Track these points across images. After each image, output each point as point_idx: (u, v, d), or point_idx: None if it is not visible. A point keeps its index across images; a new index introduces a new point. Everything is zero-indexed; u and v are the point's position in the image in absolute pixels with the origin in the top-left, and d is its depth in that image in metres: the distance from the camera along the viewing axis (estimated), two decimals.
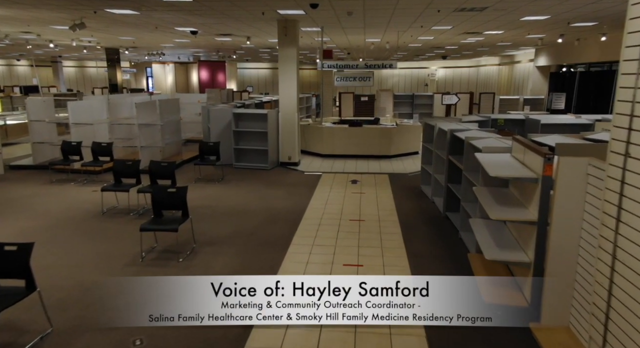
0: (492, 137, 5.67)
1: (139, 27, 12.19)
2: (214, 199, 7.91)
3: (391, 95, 19.84)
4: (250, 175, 9.92)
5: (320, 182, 9.27)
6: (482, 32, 13.40)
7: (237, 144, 10.56)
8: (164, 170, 7.00)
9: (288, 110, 10.56)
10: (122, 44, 18.11)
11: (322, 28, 11.53)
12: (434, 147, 7.51)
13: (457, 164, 6.19)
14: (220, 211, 7.18)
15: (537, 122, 7.94)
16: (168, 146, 10.99)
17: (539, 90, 21.23)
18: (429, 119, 8.37)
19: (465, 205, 5.74)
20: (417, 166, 10.66)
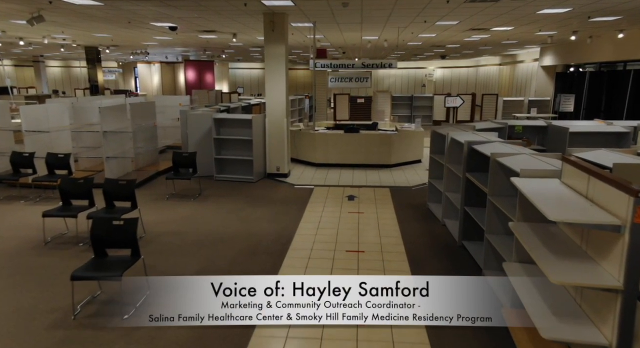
0: (526, 154, 4.51)
1: (111, 22, 10.95)
2: (186, 222, 6.70)
3: (389, 97, 18.69)
4: (232, 189, 8.72)
5: (312, 197, 8.09)
6: (490, 29, 12.26)
7: (218, 154, 9.34)
8: (122, 191, 5.79)
9: (276, 115, 9.37)
10: (100, 42, 16.84)
11: (314, 23, 10.35)
12: (446, 160, 6.35)
13: (479, 184, 5.03)
14: (190, 239, 5.96)
15: (564, 130, 6.79)
16: (141, 155, 9.77)
17: (544, 91, 20.15)
18: (438, 127, 7.21)
19: (491, 238, 4.58)
20: (421, 178, 9.50)
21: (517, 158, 4.36)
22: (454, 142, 6.16)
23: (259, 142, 9.27)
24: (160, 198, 7.91)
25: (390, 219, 6.85)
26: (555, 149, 7.08)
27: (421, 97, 20.34)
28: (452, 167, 6.11)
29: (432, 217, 6.97)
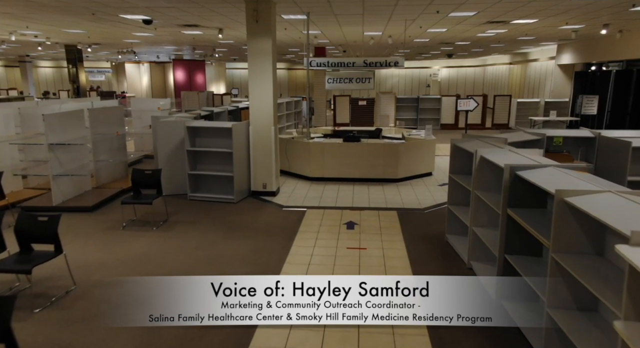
0: (612, 192, 3.00)
1: (73, 14, 9.49)
2: (137, 265, 5.21)
3: (393, 99, 17.18)
4: (208, 212, 7.24)
5: (303, 224, 6.61)
6: (510, 22, 10.76)
7: (193, 169, 7.86)
8: (42, 229, 4.31)
9: (261, 122, 7.88)
10: (77, 39, 15.39)
11: (307, 14, 8.86)
12: (474, 185, 4.85)
13: (536, 233, 3.53)
14: (134, 294, 4.46)
15: (625, 145, 5.24)
16: (104, 170, 8.30)
17: (561, 92, 18.61)
18: (459, 140, 5.70)
19: (557, 315, 3.07)
20: (434, 196, 8.00)
21: (600, 199, 2.86)
22: (486, 163, 4.66)
23: (241, 154, 7.78)
24: (114, 226, 6.42)
25: (400, 259, 5.34)
26: (609, 167, 5.58)
27: (428, 98, 18.80)
28: (484, 195, 4.61)
29: (453, 256, 5.45)
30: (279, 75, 35.00)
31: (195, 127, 7.80)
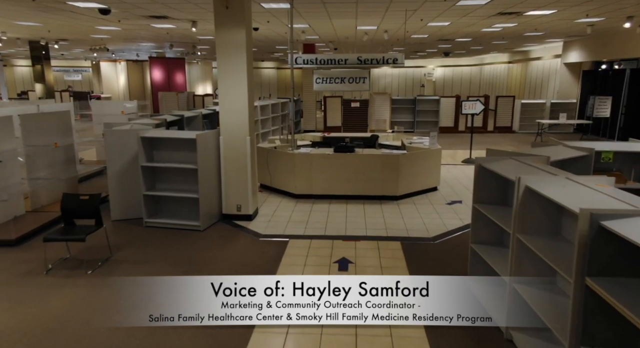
0: None
1: (13, 2, 7.98)
2: (45, 338, 3.75)
3: (388, 100, 15.83)
4: (166, 244, 5.79)
5: (282, 263, 5.20)
6: (524, 13, 9.45)
7: (150, 188, 6.40)
8: None
9: (234, 132, 6.45)
10: (37, 34, 13.82)
11: (291, 2, 7.45)
12: (515, 227, 3.46)
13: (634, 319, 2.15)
14: None
15: None
16: (43, 190, 6.82)
17: (567, 92, 17.41)
18: (488, 160, 4.29)
19: None
20: (442, 218, 6.64)
21: None
22: (535, 198, 3.29)
23: (209, 170, 6.35)
24: (37, 270, 4.94)
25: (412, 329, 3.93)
26: None
27: (425, 99, 17.47)
28: (536, 245, 3.23)
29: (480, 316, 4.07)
30: (268, 75, 33.54)
31: (152, 137, 6.34)
